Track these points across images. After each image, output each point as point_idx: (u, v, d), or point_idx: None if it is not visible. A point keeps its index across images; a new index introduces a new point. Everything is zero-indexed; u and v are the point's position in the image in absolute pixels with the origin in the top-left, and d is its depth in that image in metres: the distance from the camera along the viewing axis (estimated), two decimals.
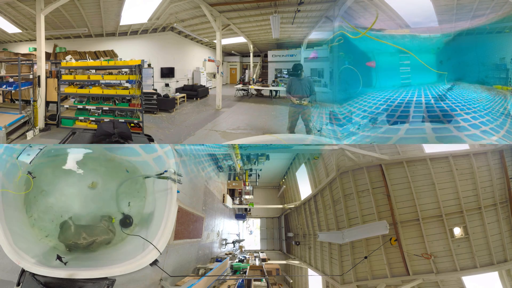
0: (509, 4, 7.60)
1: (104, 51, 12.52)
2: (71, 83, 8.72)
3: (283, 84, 14.92)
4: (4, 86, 8.50)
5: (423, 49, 9.25)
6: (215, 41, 12.31)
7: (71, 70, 8.69)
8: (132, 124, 8.37)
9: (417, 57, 8.84)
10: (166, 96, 12.29)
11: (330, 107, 8.49)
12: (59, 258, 3.98)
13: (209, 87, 16.43)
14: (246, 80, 17.92)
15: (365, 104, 8.55)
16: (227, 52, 20.24)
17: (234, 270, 9.52)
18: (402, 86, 9.30)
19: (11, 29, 11.18)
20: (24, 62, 8.73)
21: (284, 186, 15.83)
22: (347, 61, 8.76)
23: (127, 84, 8.32)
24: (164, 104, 11.56)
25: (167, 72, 14.05)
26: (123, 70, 8.47)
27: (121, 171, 4.84)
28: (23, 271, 3.74)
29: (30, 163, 4.27)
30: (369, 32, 8.20)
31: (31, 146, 4.32)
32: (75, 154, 4.82)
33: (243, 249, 15.08)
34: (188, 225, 6.59)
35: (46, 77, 8.59)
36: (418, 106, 8.15)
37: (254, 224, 18.68)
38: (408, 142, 6.84)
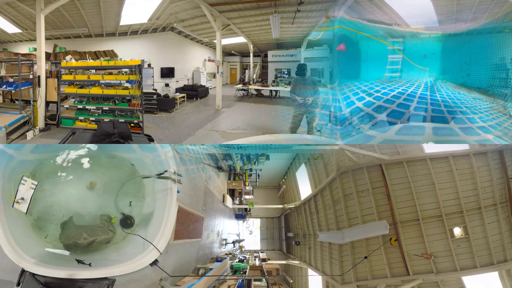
0: (509, 4, 7.61)
1: (104, 51, 12.52)
2: (71, 83, 8.72)
3: (283, 84, 14.92)
4: (4, 86, 8.50)
5: (421, 48, 9.24)
6: (215, 41, 12.31)
7: (71, 70, 8.69)
8: (132, 124, 8.37)
9: (403, 54, 8.84)
10: (166, 96, 12.29)
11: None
12: (80, 261, 3.96)
13: (209, 87, 16.43)
14: (246, 80, 17.92)
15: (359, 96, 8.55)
16: (227, 52, 20.24)
17: (234, 270, 9.52)
18: (390, 80, 9.30)
19: (11, 29, 11.18)
20: (24, 62, 8.72)
21: (284, 186, 15.82)
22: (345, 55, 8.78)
23: (127, 84, 8.32)
24: (164, 104, 11.56)
25: (167, 72, 14.04)
26: (123, 70, 8.47)
27: (121, 171, 4.84)
28: (23, 271, 3.75)
29: (26, 212, 4.18)
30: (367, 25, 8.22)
31: (23, 183, 4.20)
32: (75, 154, 4.82)
33: (243, 249, 15.08)
34: (188, 225, 6.58)
35: (46, 77, 8.59)
36: (416, 104, 8.16)
37: (254, 224, 18.66)
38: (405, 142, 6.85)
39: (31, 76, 8.58)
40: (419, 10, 8.61)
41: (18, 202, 4.10)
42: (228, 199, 11.75)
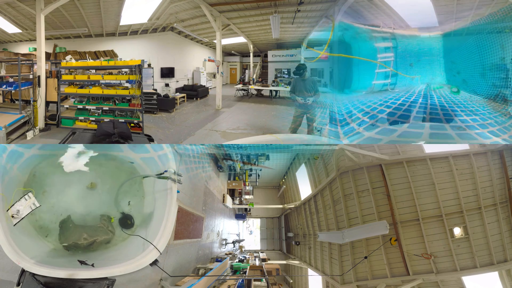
0: (509, 4, 7.60)
1: (104, 51, 12.53)
2: (71, 83, 8.72)
3: (283, 84, 14.93)
4: (4, 86, 8.50)
5: (422, 49, 9.25)
6: (215, 41, 12.32)
7: (71, 70, 8.69)
8: (132, 124, 8.37)
9: (389, 67, 8.89)
10: (166, 96, 12.29)
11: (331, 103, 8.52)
12: (82, 262, 3.95)
13: (209, 87, 16.44)
14: (246, 80, 17.92)
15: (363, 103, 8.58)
16: (227, 52, 20.24)
17: (234, 270, 9.52)
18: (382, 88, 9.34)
19: (11, 29, 11.19)
20: (24, 62, 8.72)
21: (284, 186, 15.82)
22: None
23: (127, 84, 8.32)
24: (164, 104, 11.56)
25: (167, 72, 14.05)
26: (123, 70, 8.47)
27: (121, 171, 4.84)
28: (23, 271, 3.74)
29: (14, 225, 4.16)
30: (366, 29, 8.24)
31: (27, 199, 4.17)
32: (75, 154, 4.82)
33: (243, 249, 15.08)
34: (188, 225, 6.58)
35: (46, 77, 8.59)
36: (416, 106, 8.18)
37: (254, 224, 18.66)
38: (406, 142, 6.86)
39: (31, 76, 8.58)
40: (419, 10, 8.61)
41: (13, 216, 4.09)
42: (228, 199, 11.74)
